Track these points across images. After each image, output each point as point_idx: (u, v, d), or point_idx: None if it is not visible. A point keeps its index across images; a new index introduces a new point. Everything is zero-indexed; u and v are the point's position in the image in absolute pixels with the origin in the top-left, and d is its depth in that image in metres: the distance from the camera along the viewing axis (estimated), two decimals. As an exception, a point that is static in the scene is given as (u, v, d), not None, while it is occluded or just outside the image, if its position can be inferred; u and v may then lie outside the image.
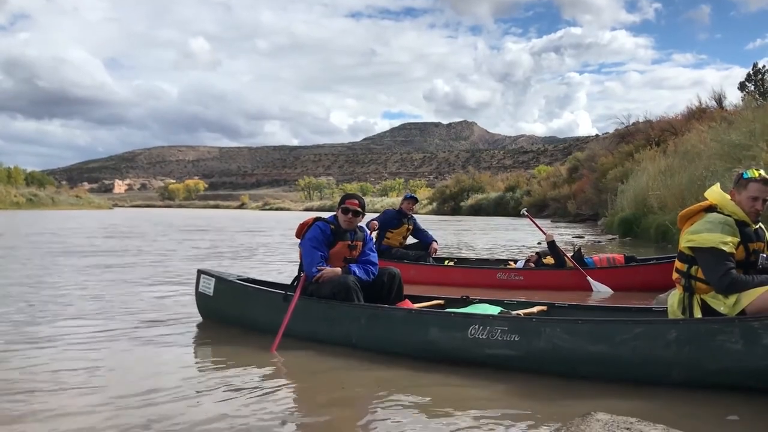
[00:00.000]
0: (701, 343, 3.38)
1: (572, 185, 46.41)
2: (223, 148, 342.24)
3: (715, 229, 3.59)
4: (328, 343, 4.52)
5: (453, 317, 4.13)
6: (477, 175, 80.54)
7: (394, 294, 4.90)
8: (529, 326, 3.84)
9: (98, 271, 9.45)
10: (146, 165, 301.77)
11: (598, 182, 32.99)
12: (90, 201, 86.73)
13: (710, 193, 3.82)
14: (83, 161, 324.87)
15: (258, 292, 5.17)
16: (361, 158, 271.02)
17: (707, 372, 3.39)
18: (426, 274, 8.31)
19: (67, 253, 12.73)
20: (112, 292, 7.29)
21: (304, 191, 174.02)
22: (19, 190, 69.32)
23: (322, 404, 3.35)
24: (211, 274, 5.50)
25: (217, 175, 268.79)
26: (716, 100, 27.51)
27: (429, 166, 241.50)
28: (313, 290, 4.76)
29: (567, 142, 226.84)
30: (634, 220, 18.27)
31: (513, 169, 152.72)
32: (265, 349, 4.41)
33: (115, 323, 5.40)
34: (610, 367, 3.59)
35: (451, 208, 71.12)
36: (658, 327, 3.53)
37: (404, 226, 8.77)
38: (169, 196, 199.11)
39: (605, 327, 3.66)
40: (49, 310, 5.94)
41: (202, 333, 5.19)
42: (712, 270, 3.57)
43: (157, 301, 6.70)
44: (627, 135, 35.58)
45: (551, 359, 3.73)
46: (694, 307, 3.71)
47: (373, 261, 5.00)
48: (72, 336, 4.86)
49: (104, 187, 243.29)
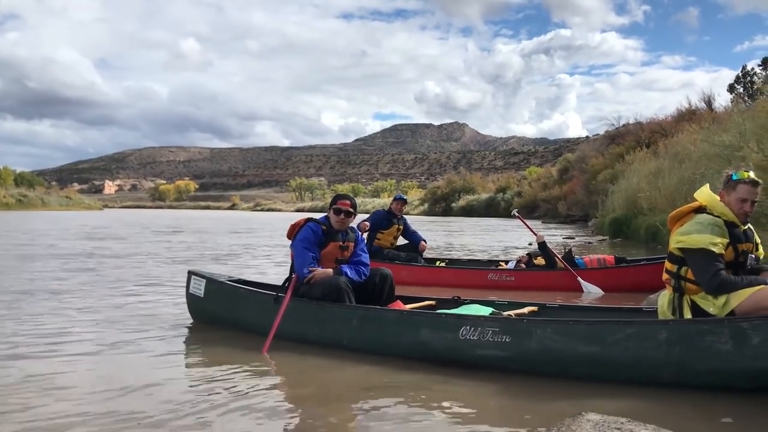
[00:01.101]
0: (691, 344, 3.40)
1: (563, 186, 46.63)
2: (214, 149, 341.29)
3: (704, 230, 3.60)
4: (320, 345, 4.50)
5: (444, 318, 4.13)
6: (468, 176, 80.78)
7: (385, 295, 4.89)
8: (520, 327, 3.85)
9: (85, 274, 9.39)
10: (137, 166, 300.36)
11: (589, 183, 33.17)
12: (80, 202, 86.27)
13: (700, 194, 3.83)
14: (73, 162, 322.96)
15: (249, 294, 5.15)
16: (352, 159, 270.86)
17: (697, 372, 3.40)
18: (417, 275, 8.32)
19: (53, 255, 12.65)
20: (100, 295, 7.25)
21: (295, 192, 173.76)
22: (9, 190, 68.86)
23: (313, 405, 3.35)
24: (202, 275, 5.47)
25: (208, 175, 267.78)
26: (706, 102, 27.72)
27: (420, 167, 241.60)
28: (304, 291, 4.74)
29: (558, 143, 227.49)
30: (625, 221, 18.37)
31: (504, 170, 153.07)
32: (256, 350, 4.39)
33: (103, 326, 5.36)
34: (600, 368, 3.60)
35: (443, 209, 71.29)
36: (648, 328, 3.54)
37: (394, 227, 8.78)
38: (159, 197, 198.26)
39: (596, 328, 3.67)
40: (34, 315, 5.82)
41: (193, 335, 5.16)
42: (702, 271, 3.58)
43: (146, 303, 6.66)
44: (617, 136, 35.79)
45: (542, 360, 3.73)
46: (684, 308, 3.72)
47: (365, 262, 4.99)
48: (59, 341, 4.81)
49: (94, 188, 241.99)
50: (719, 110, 24.43)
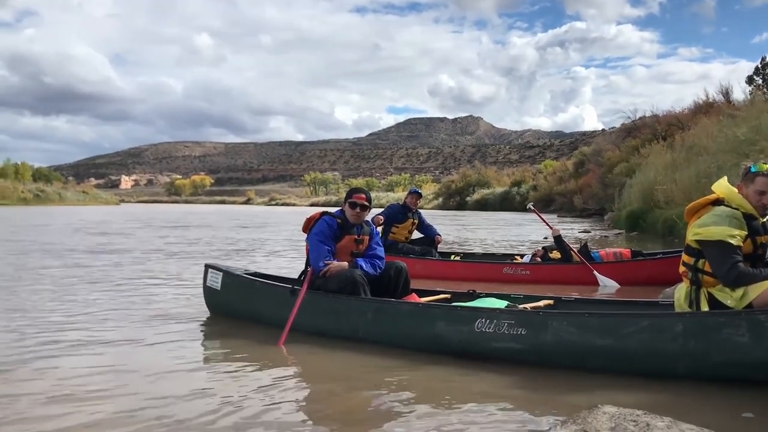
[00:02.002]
0: (708, 336, 3.38)
1: (578, 180, 46.28)
2: (229, 144, 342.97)
3: (722, 222, 3.58)
4: (335, 337, 4.53)
5: (460, 311, 4.14)
6: (483, 170, 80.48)
7: (400, 288, 4.89)
8: (536, 320, 3.85)
9: (101, 268, 9.49)
10: (152, 161, 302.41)
11: (605, 177, 32.90)
12: (97, 197, 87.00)
13: (717, 186, 3.81)
14: (90, 157, 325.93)
15: (265, 287, 5.19)
16: (366, 153, 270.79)
17: (714, 365, 3.39)
18: (432, 269, 8.32)
19: (69, 250, 12.78)
20: (118, 288, 7.33)
21: (309, 187, 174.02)
22: (27, 186, 69.56)
23: (329, 397, 3.37)
24: (219, 269, 5.51)
25: (223, 170, 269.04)
26: (723, 94, 27.32)
27: (435, 161, 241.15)
28: (320, 284, 4.77)
29: (573, 136, 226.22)
30: (641, 214, 18.21)
31: (519, 164, 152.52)
32: (272, 343, 4.43)
33: (121, 319, 5.42)
34: (616, 361, 3.59)
35: (457, 203, 71.04)
36: (665, 320, 3.53)
37: (409, 221, 8.78)
38: (175, 191, 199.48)
39: (612, 320, 3.67)
40: (53, 312, 5.90)
41: (210, 327, 5.21)
42: (719, 263, 3.56)
43: (164, 295, 6.72)
44: (633, 129, 35.43)
45: (558, 353, 3.73)
46: (701, 301, 3.70)
47: (380, 255, 5.01)
48: (81, 334, 4.88)
49: (111, 182, 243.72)
50: (737, 103, 24.13)
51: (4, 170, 73.66)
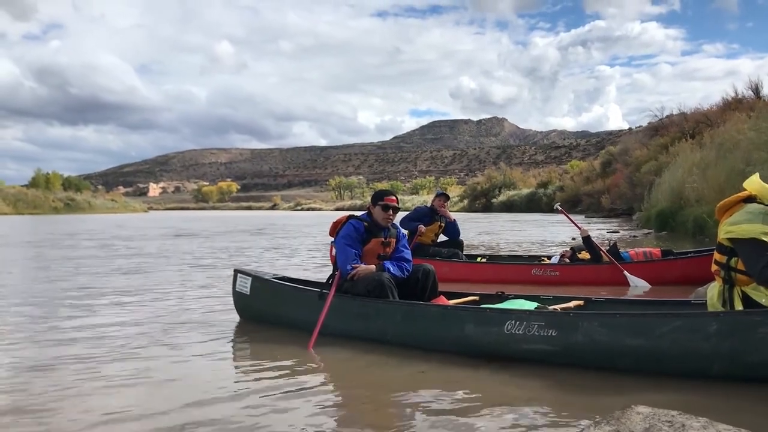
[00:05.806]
0: (742, 336, 3.33)
1: (606, 180, 45.84)
2: (254, 150, 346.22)
3: (755, 219, 3.52)
4: (364, 340, 4.54)
5: (489, 313, 4.13)
6: (508, 172, 79.93)
7: (428, 291, 4.89)
8: (567, 321, 3.82)
9: (131, 275, 9.62)
10: (179, 168, 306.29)
11: (633, 176, 32.51)
12: (126, 204, 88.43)
13: (749, 183, 3.75)
14: (118, 165, 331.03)
15: (294, 291, 5.22)
16: (390, 157, 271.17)
17: (749, 365, 3.33)
18: (459, 271, 8.29)
19: (97, 257, 12.98)
20: (148, 293, 7.43)
21: (335, 191, 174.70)
22: (57, 194, 70.84)
23: (361, 400, 3.38)
24: (248, 273, 5.56)
25: (249, 176, 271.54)
26: (753, 90, 26.86)
27: (459, 164, 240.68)
28: (348, 288, 4.78)
29: (599, 136, 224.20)
30: (671, 213, 17.94)
31: (545, 164, 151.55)
32: (302, 346, 4.45)
33: (152, 324, 5.50)
34: (649, 361, 3.55)
35: (483, 205, 70.68)
36: (698, 320, 3.49)
37: (436, 224, 8.76)
38: (202, 198, 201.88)
39: (644, 320, 3.62)
40: (83, 318, 6.02)
41: (240, 332, 5.25)
42: (753, 261, 3.50)
43: (194, 300, 6.81)
44: (661, 128, 35.02)
45: (589, 353, 3.70)
46: (735, 300, 3.64)
47: (407, 258, 5.00)
48: (109, 337, 4.97)
49: (139, 190, 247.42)
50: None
51: (36, 180, 75.18)
